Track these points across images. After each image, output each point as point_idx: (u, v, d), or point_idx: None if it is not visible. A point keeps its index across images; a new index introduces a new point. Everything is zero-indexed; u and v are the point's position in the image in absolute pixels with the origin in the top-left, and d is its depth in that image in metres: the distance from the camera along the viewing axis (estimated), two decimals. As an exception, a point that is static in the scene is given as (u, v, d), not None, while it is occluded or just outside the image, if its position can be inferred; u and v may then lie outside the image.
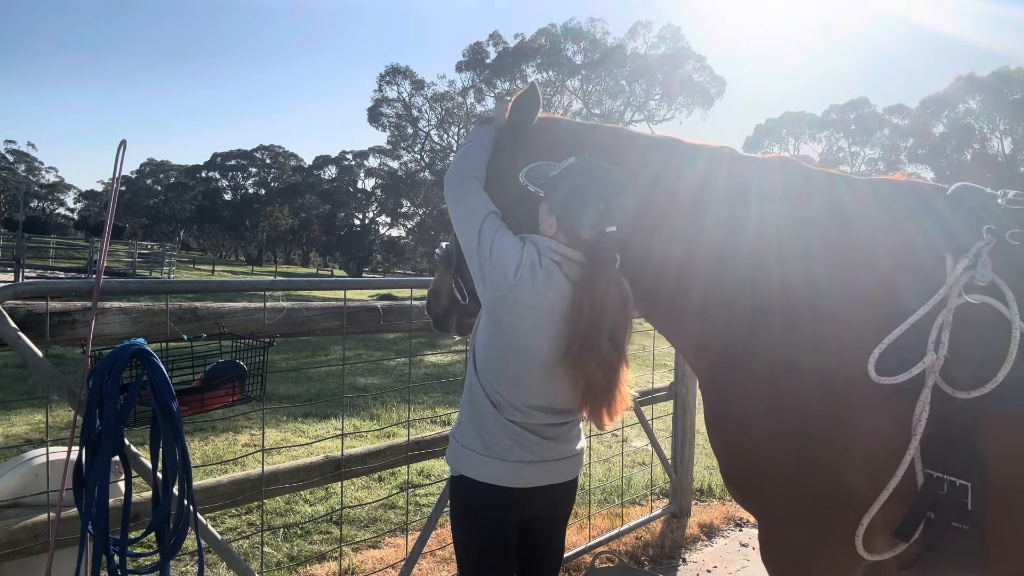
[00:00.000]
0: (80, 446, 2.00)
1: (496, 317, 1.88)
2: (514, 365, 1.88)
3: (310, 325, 2.96)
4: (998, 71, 42.62)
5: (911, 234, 1.70)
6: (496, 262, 1.85)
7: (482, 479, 1.93)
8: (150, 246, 42.31)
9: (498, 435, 1.92)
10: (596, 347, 1.82)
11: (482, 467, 1.93)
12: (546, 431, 1.94)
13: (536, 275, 1.83)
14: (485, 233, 1.88)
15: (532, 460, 1.93)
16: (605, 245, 1.88)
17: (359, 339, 12.67)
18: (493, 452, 1.92)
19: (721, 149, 2.01)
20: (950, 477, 1.54)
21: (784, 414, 1.71)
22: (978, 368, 1.52)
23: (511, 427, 1.91)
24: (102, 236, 2.37)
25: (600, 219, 1.86)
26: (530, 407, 1.91)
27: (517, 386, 1.90)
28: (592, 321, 1.82)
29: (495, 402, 1.92)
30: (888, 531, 1.64)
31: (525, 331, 1.85)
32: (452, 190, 2.00)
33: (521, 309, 1.83)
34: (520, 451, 1.92)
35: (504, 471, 1.92)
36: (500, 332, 1.88)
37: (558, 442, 1.98)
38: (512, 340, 1.87)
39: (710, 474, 5.59)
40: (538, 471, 1.95)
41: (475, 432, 1.95)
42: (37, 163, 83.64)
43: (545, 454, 1.95)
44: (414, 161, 48.48)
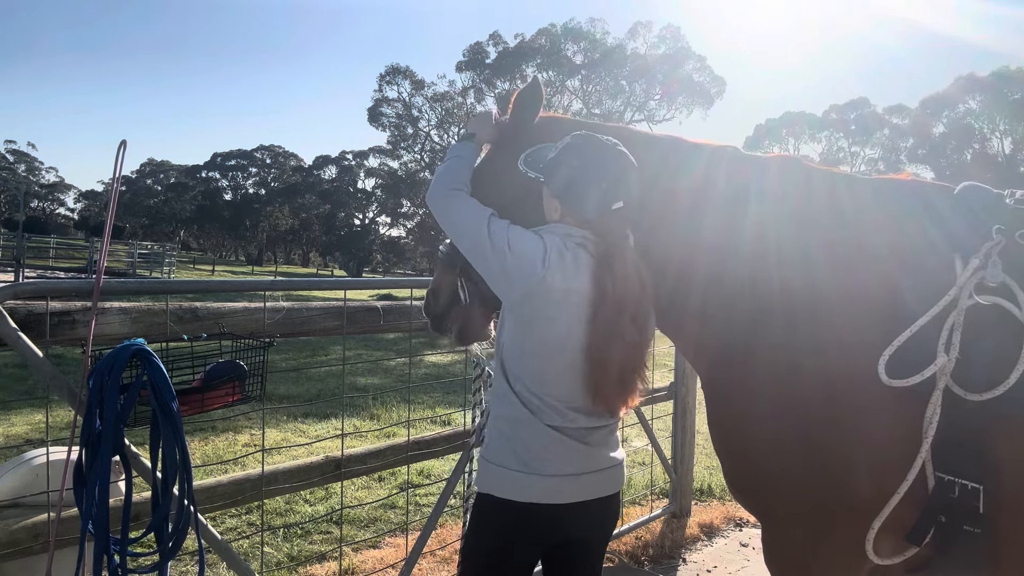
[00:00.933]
0: (80, 446, 2.00)
1: (528, 314, 1.77)
2: (555, 362, 1.77)
3: (310, 325, 2.96)
4: (998, 71, 42.60)
5: (918, 235, 1.69)
6: (519, 256, 1.76)
7: (517, 498, 1.77)
8: (150, 246, 42.30)
9: (535, 446, 1.77)
10: (618, 330, 1.73)
11: (516, 484, 1.77)
12: (587, 436, 1.81)
13: (565, 260, 1.76)
14: (496, 232, 1.80)
15: (572, 472, 1.78)
16: (614, 223, 1.80)
17: (359, 339, 12.67)
18: (530, 467, 1.76)
19: (723, 148, 2.00)
20: (962, 480, 1.53)
21: (786, 416, 1.70)
22: (990, 370, 1.51)
23: (550, 433, 1.77)
24: (102, 236, 2.37)
25: (604, 197, 1.79)
26: (571, 408, 1.79)
27: (558, 386, 1.78)
28: (615, 302, 1.73)
29: (532, 407, 1.78)
30: (896, 534, 1.63)
31: (563, 322, 1.75)
32: (440, 202, 1.92)
33: (555, 297, 1.74)
34: (559, 462, 1.77)
35: (541, 487, 1.76)
36: (535, 329, 1.78)
37: (599, 449, 1.84)
38: (549, 335, 1.76)
39: (710, 474, 5.58)
40: (578, 484, 1.79)
41: (508, 446, 1.80)
42: (37, 163, 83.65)
43: (586, 464, 1.81)
44: (414, 161, 48.47)
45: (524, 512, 1.77)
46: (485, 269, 1.83)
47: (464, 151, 2.04)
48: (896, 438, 1.59)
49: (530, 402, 1.78)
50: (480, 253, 1.82)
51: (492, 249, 1.78)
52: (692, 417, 4.80)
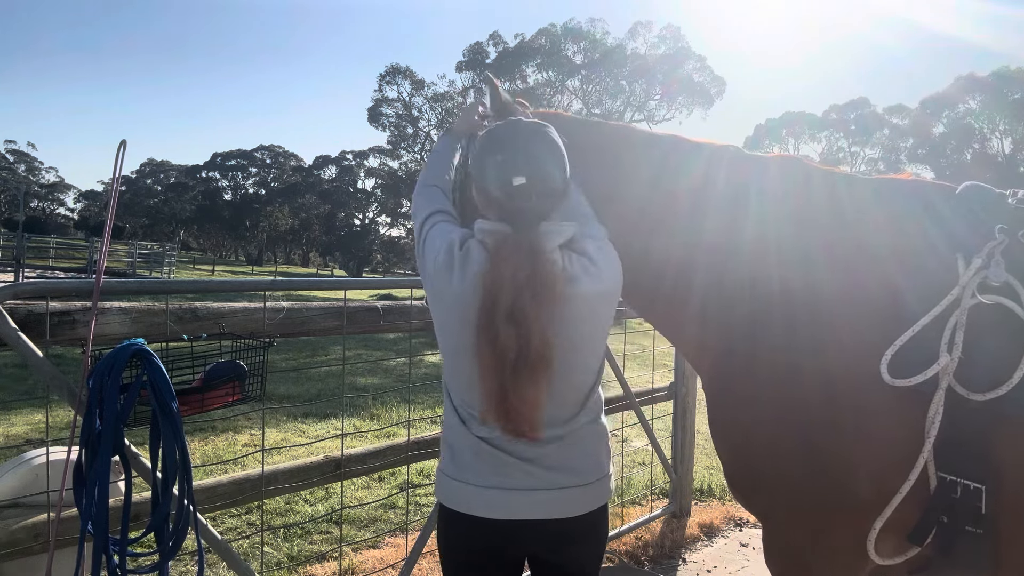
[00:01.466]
0: (80, 446, 2.00)
1: (435, 318, 1.66)
2: (461, 367, 1.60)
3: (310, 325, 2.96)
4: (998, 71, 42.60)
5: (919, 234, 1.68)
6: (426, 256, 1.65)
7: (451, 505, 1.66)
8: (150, 246, 42.30)
9: (468, 456, 1.64)
10: (492, 324, 1.48)
11: (452, 491, 1.66)
12: (526, 451, 1.60)
13: (453, 258, 1.59)
14: (424, 231, 1.70)
15: (513, 487, 1.60)
16: (522, 206, 1.58)
17: (359, 339, 12.66)
18: (463, 475, 1.64)
19: (724, 148, 1.99)
20: (964, 480, 1.53)
21: (787, 417, 1.70)
22: (993, 370, 1.51)
23: (480, 445, 1.61)
24: (102, 236, 2.37)
25: (500, 171, 1.59)
26: None
27: (472, 393, 1.59)
28: (492, 292, 1.50)
29: (462, 415, 1.66)
30: (898, 535, 1.63)
31: (455, 325, 1.59)
32: (412, 204, 1.82)
33: (445, 299, 1.59)
34: (491, 474, 1.61)
35: (475, 498, 1.62)
36: (439, 331, 1.66)
37: (549, 466, 1.62)
38: (448, 338, 1.63)
39: (710, 474, 5.58)
40: (521, 501, 1.60)
41: (448, 451, 1.69)
42: (37, 163, 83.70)
43: (528, 481, 1.61)
44: (414, 161, 48.43)
45: (463, 522, 1.65)
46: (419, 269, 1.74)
47: (440, 145, 1.97)
48: (898, 438, 1.59)
49: (460, 409, 1.67)
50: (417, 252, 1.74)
51: (418, 250, 1.71)
52: (692, 417, 4.80)
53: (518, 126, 1.68)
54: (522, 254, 1.53)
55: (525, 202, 1.59)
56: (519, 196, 1.59)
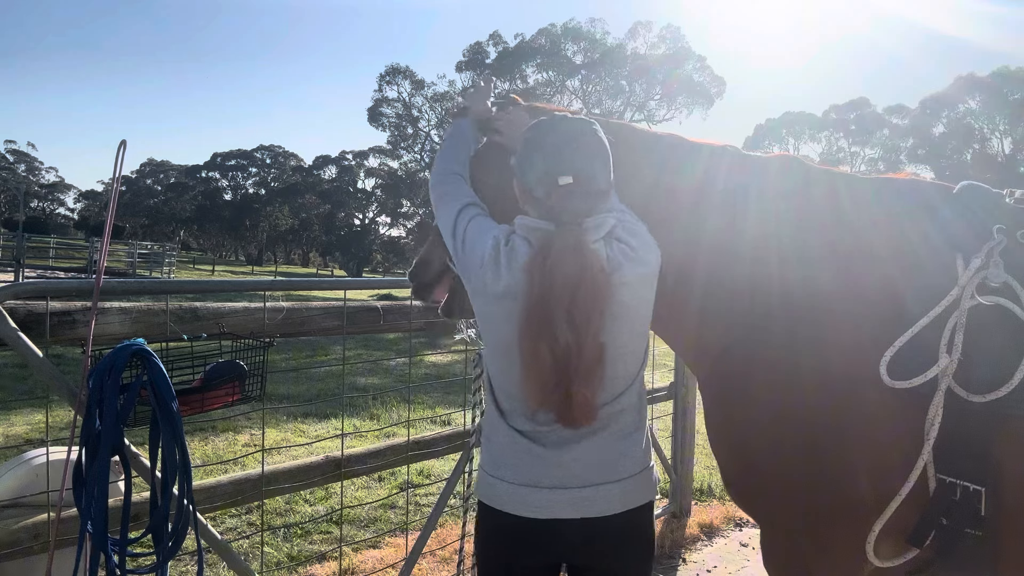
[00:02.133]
0: (80, 446, 2.00)
1: (478, 310, 1.67)
2: (503, 364, 1.62)
3: (310, 325, 2.96)
4: (998, 71, 42.60)
5: (917, 235, 1.68)
6: (469, 251, 1.64)
7: (488, 502, 1.65)
8: (150, 246, 42.28)
9: (504, 449, 1.63)
10: (548, 326, 1.48)
11: (489, 488, 1.65)
12: (570, 446, 1.59)
13: (500, 254, 1.58)
14: (459, 225, 1.68)
15: (548, 486, 1.58)
16: (567, 205, 1.56)
17: (359, 339, 12.67)
18: (499, 471, 1.63)
19: (724, 148, 1.98)
20: (963, 482, 1.52)
21: (786, 419, 1.69)
22: (992, 371, 1.50)
23: (518, 438, 1.61)
24: (102, 236, 2.37)
25: (546, 170, 1.57)
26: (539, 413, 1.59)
27: (515, 389, 1.61)
28: (541, 293, 1.50)
29: (503, 408, 1.66)
30: (897, 537, 1.62)
31: (500, 321, 1.59)
32: (433, 190, 1.81)
33: (490, 295, 1.59)
34: (527, 470, 1.59)
35: (508, 495, 1.60)
36: (483, 327, 1.67)
37: (586, 462, 1.59)
38: (493, 334, 1.63)
39: (710, 474, 5.58)
40: (559, 499, 1.58)
41: (487, 446, 1.70)
42: (37, 163, 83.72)
43: (566, 478, 1.58)
44: (414, 161, 48.45)
45: (501, 520, 1.63)
46: (456, 264, 1.73)
47: (455, 130, 1.92)
48: (897, 440, 1.58)
49: (501, 403, 1.67)
50: (450, 247, 1.72)
51: (454, 243, 1.69)
52: (692, 417, 4.80)
53: (566, 123, 1.65)
54: (571, 254, 1.52)
55: (570, 201, 1.57)
56: (565, 196, 1.57)
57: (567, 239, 1.54)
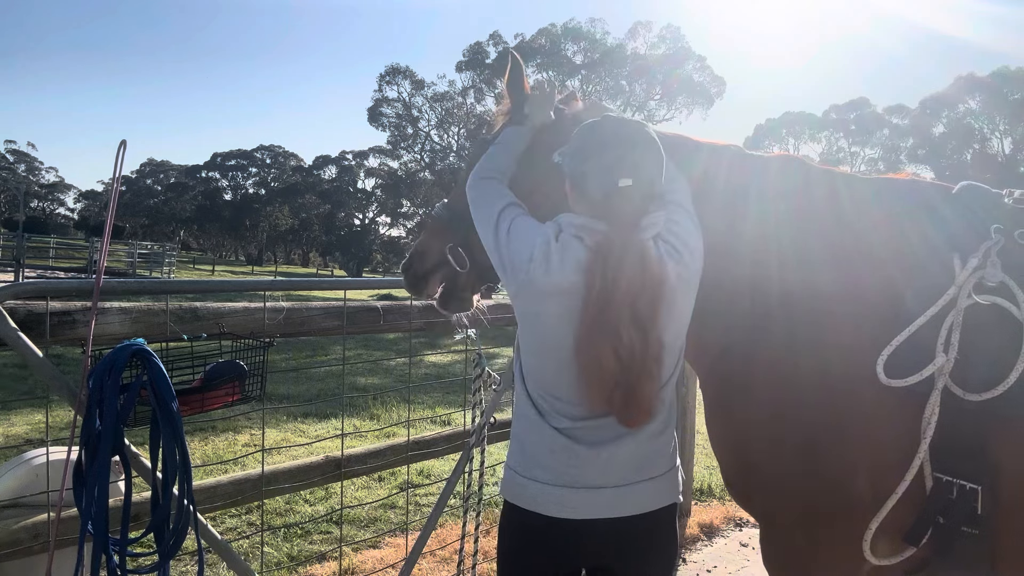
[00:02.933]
0: (80, 446, 2.00)
1: (521, 309, 1.66)
2: (549, 362, 1.61)
3: (310, 325, 2.96)
4: (998, 71, 42.61)
5: (915, 235, 1.68)
6: (514, 246, 1.63)
7: (519, 503, 1.64)
8: (150, 246, 42.29)
9: (542, 450, 1.62)
10: (611, 327, 1.50)
11: (519, 488, 1.64)
12: (607, 444, 1.60)
13: (551, 252, 1.57)
14: (503, 220, 1.68)
15: (584, 486, 1.58)
16: (624, 207, 1.58)
17: (359, 339, 12.67)
18: (533, 472, 1.62)
19: (725, 147, 1.99)
20: (960, 481, 1.52)
21: (785, 418, 1.69)
22: (989, 370, 1.50)
23: (558, 438, 1.60)
24: (102, 236, 2.37)
25: (607, 173, 1.58)
26: (579, 410, 1.61)
27: (558, 386, 1.61)
28: (604, 295, 1.51)
29: (541, 408, 1.64)
30: (894, 535, 1.62)
31: (550, 319, 1.58)
32: (470, 190, 1.82)
33: (539, 293, 1.58)
34: (564, 470, 1.60)
35: (542, 495, 1.60)
36: (528, 325, 1.66)
37: (623, 460, 1.60)
38: (540, 332, 1.62)
39: (710, 474, 5.58)
40: (594, 499, 1.59)
41: (518, 447, 1.68)
42: (37, 163, 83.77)
43: (603, 477, 1.59)
44: (414, 161, 48.44)
45: (530, 521, 1.63)
46: (494, 260, 1.71)
47: (512, 137, 1.91)
48: (895, 439, 1.59)
49: (539, 402, 1.66)
50: (489, 242, 1.71)
51: (496, 238, 1.68)
52: (692, 417, 4.80)
53: (625, 126, 1.66)
54: (635, 257, 1.54)
55: (628, 204, 1.59)
56: (623, 198, 1.58)
57: (629, 242, 1.56)
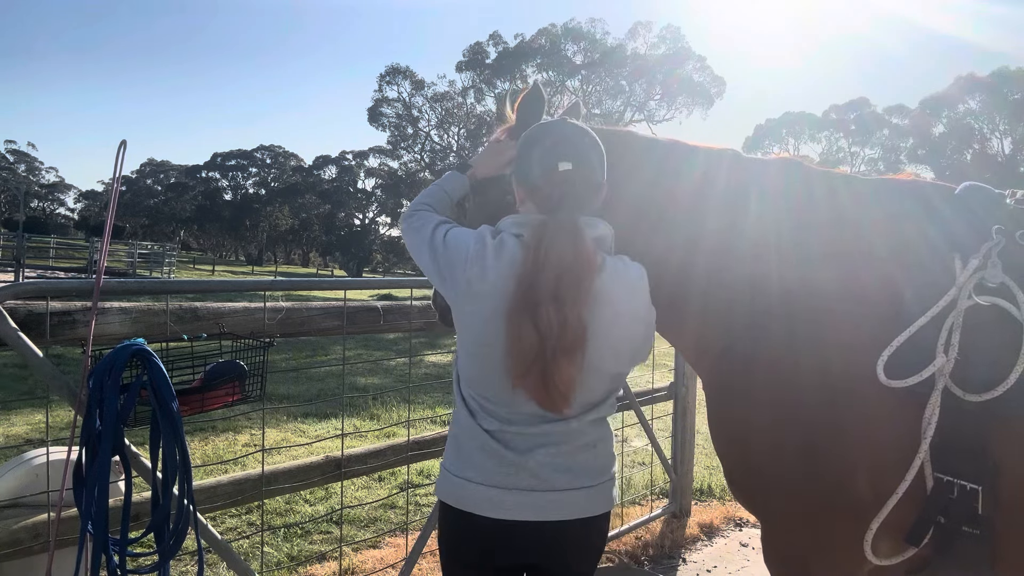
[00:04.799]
0: (80, 446, 2.00)
1: (458, 311, 1.67)
2: (484, 360, 1.62)
3: (310, 325, 2.96)
4: (998, 71, 42.61)
5: (916, 235, 1.68)
6: (450, 253, 1.67)
7: (451, 502, 1.67)
8: (150, 246, 42.30)
9: (473, 450, 1.65)
10: (533, 301, 1.51)
11: (454, 489, 1.67)
12: (530, 449, 1.62)
13: (486, 249, 1.61)
14: (437, 234, 1.72)
15: (514, 487, 1.61)
16: (564, 190, 1.63)
17: (359, 339, 12.67)
18: (466, 472, 1.65)
19: (723, 151, 2.00)
20: (960, 481, 1.52)
21: (786, 417, 1.70)
22: (989, 371, 1.50)
23: (486, 439, 1.63)
24: (102, 236, 2.37)
25: (547, 155, 1.65)
26: (510, 413, 1.62)
27: (490, 386, 1.63)
28: (533, 270, 1.54)
29: (472, 409, 1.68)
30: (896, 535, 1.62)
31: (485, 314, 1.59)
32: (403, 222, 1.85)
33: (475, 290, 1.60)
34: (494, 472, 1.62)
35: (476, 496, 1.63)
36: (463, 325, 1.67)
37: (555, 465, 1.62)
38: (475, 329, 1.63)
39: (710, 474, 5.59)
40: (523, 501, 1.61)
41: (454, 447, 1.71)
42: (37, 163, 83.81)
43: (530, 481, 1.61)
44: (414, 161, 48.45)
45: (462, 521, 1.66)
46: (429, 273, 1.74)
47: (446, 181, 1.96)
48: (895, 439, 1.59)
49: (471, 402, 1.68)
50: (426, 261, 1.73)
51: (432, 252, 1.71)
52: (692, 417, 4.80)
53: (564, 121, 1.76)
54: (566, 236, 1.57)
55: (570, 187, 1.64)
56: (565, 181, 1.64)
57: (564, 221, 1.60)
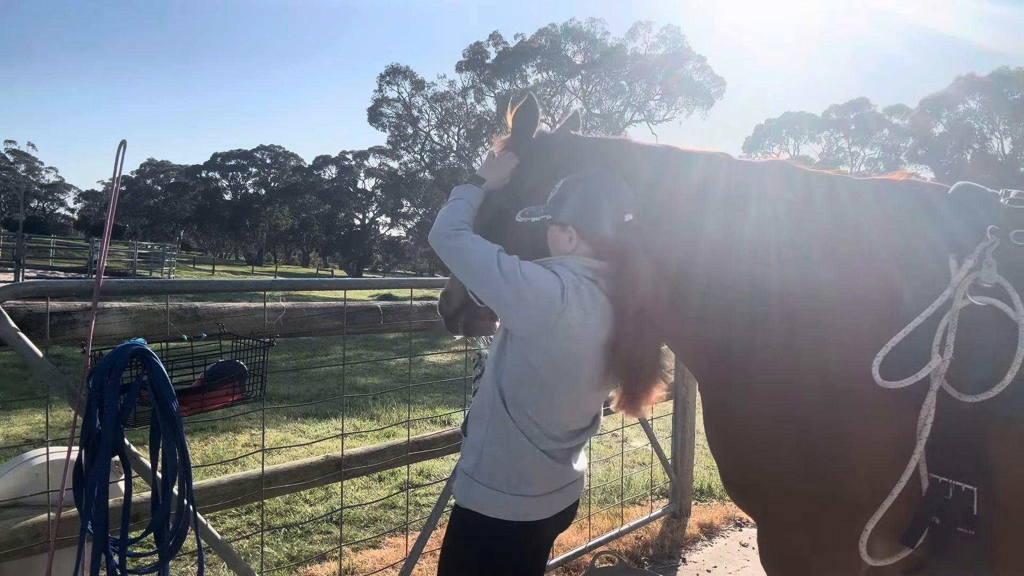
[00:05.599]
0: (80, 446, 2.00)
1: (542, 346, 1.80)
2: (561, 393, 1.85)
3: (310, 325, 2.96)
4: (998, 71, 42.59)
5: (913, 235, 1.68)
6: (538, 289, 1.77)
7: (508, 517, 1.87)
8: (150, 246, 42.26)
9: (529, 470, 1.87)
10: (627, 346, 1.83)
11: (508, 505, 1.86)
12: (568, 455, 1.95)
13: (582, 295, 1.80)
14: (508, 264, 1.80)
15: (555, 489, 1.92)
16: (629, 239, 1.89)
17: (359, 339, 12.68)
18: (521, 489, 1.86)
19: (718, 154, 2.01)
20: (956, 482, 1.53)
21: (783, 418, 1.70)
22: (984, 371, 1.50)
23: (544, 458, 1.87)
24: (102, 236, 2.37)
25: (616, 210, 1.90)
26: (566, 432, 1.91)
27: (559, 414, 1.88)
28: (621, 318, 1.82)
29: (530, 435, 1.85)
30: (891, 535, 1.63)
31: (574, 354, 1.81)
32: (445, 242, 1.91)
33: (572, 332, 1.78)
34: (545, 482, 1.90)
35: (532, 506, 1.89)
36: (548, 360, 1.81)
37: (573, 463, 1.98)
38: (561, 366, 1.81)
39: (710, 474, 5.58)
40: (557, 498, 1.94)
41: (502, 470, 1.86)
42: (37, 163, 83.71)
43: (563, 478, 1.94)
44: (414, 161, 48.43)
45: (510, 529, 1.88)
46: (497, 301, 1.83)
47: (468, 194, 2.03)
48: (892, 439, 1.59)
49: (528, 430, 1.85)
50: (491, 287, 1.81)
51: (505, 281, 1.78)
52: (692, 417, 4.80)
53: (609, 175, 1.95)
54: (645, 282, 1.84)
55: (632, 235, 1.90)
56: (629, 230, 1.91)
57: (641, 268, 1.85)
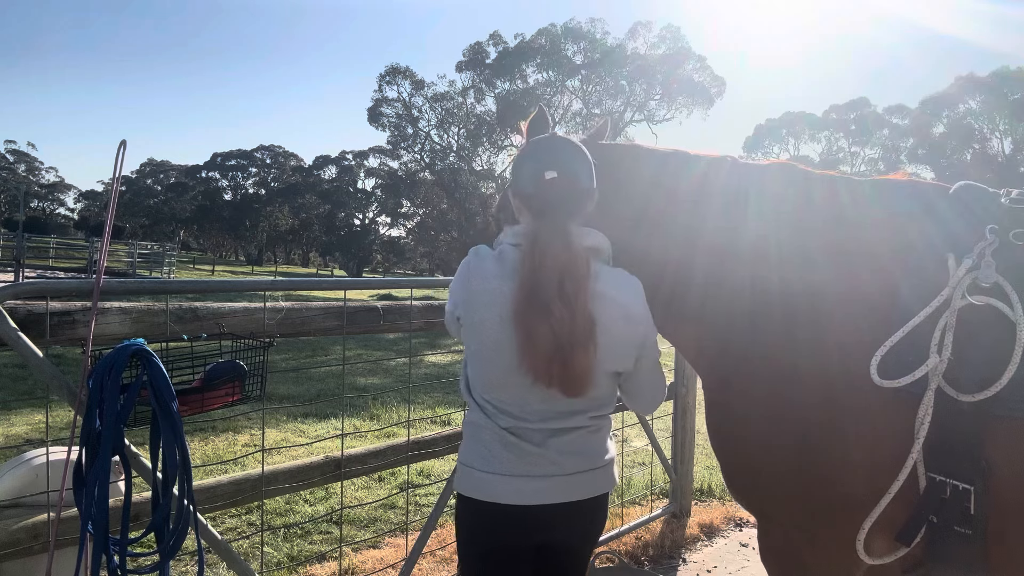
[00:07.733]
0: (80, 446, 2.00)
1: (465, 320, 1.81)
2: (493, 364, 1.76)
3: (310, 325, 2.96)
4: (998, 71, 42.61)
5: (912, 235, 1.68)
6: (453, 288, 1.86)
7: (482, 497, 1.80)
8: (150, 246, 42.26)
9: (495, 447, 1.79)
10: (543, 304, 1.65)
11: (481, 484, 1.80)
12: (545, 439, 1.77)
13: (485, 260, 1.78)
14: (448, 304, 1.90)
15: (537, 475, 1.77)
16: (551, 196, 1.77)
17: (359, 339, 12.68)
18: (491, 466, 1.78)
19: (722, 157, 2.02)
20: (953, 481, 1.53)
21: (783, 417, 1.70)
22: (982, 371, 1.50)
23: (506, 436, 1.78)
24: (102, 236, 2.37)
25: (538, 167, 1.80)
26: (523, 411, 1.77)
27: (503, 389, 1.77)
28: (533, 276, 1.68)
29: (487, 412, 1.82)
30: (889, 534, 1.63)
31: (493, 321, 1.73)
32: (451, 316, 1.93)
33: (481, 298, 1.75)
34: (518, 463, 1.77)
35: (504, 487, 1.77)
36: (474, 331, 1.79)
37: (563, 454, 1.79)
38: (484, 336, 1.76)
39: (710, 474, 5.59)
40: (545, 487, 1.77)
41: (474, 448, 1.84)
42: (37, 163, 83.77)
43: (548, 468, 1.78)
44: (414, 161, 48.43)
45: (490, 511, 1.80)
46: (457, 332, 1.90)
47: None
48: (890, 438, 1.59)
49: (485, 407, 1.83)
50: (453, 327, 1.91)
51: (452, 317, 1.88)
52: (692, 417, 4.80)
53: (552, 136, 1.89)
54: (558, 238, 1.71)
55: (556, 194, 1.77)
56: (551, 189, 1.77)
57: (554, 225, 1.74)
